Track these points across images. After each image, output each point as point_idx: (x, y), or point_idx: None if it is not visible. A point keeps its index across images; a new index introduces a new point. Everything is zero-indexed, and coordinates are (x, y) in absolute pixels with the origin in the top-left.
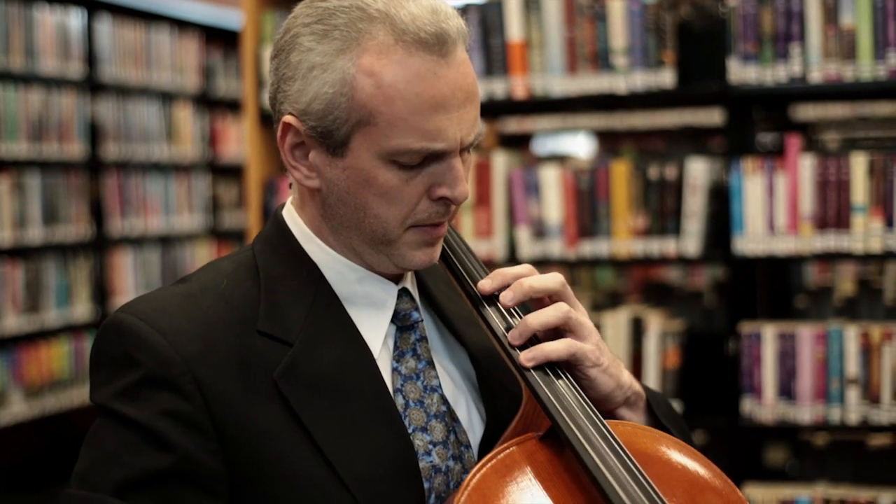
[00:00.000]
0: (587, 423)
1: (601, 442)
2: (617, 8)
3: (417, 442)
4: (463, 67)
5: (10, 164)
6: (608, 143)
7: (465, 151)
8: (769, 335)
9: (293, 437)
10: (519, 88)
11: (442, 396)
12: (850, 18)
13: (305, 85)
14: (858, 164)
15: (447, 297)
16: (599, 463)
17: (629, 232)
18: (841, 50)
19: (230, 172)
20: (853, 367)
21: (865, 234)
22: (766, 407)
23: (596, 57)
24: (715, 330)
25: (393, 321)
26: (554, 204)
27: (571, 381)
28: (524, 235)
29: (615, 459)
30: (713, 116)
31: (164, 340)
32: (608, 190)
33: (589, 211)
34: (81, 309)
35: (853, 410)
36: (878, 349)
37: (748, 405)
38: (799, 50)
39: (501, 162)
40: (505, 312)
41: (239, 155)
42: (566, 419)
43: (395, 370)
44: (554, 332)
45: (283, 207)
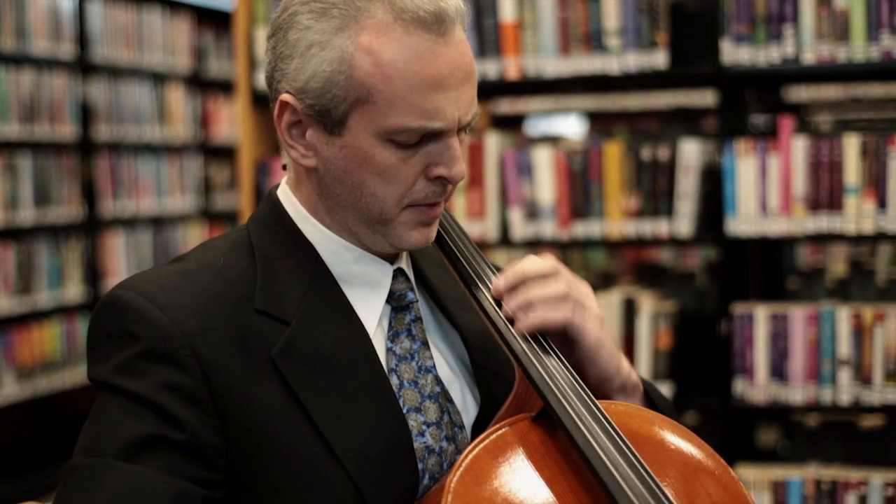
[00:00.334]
0: (579, 403)
1: (593, 422)
2: None
3: (411, 422)
4: (461, 47)
5: (1, 145)
6: (601, 124)
7: (462, 131)
8: (761, 316)
9: (291, 414)
10: (512, 69)
11: (436, 377)
12: (843, 0)
13: (303, 63)
14: (851, 145)
15: (441, 279)
16: (592, 443)
17: (622, 213)
18: (834, 31)
19: (222, 153)
20: (845, 348)
21: (858, 215)
22: (757, 388)
23: (589, 38)
24: (707, 311)
25: (388, 301)
26: (546, 185)
27: (564, 362)
28: (517, 216)
29: (607, 440)
30: (706, 97)
31: (163, 315)
32: (601, 171)
33: (581, 192)
34: (73, 290)
35: (845, 391)
36: (869, 330)
37: (740, 386)
38: (792, 31)
39: (494, 143)
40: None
41: (231, 136)
42: (558, 399)
43: (389, 350)
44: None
45: (277, 187)
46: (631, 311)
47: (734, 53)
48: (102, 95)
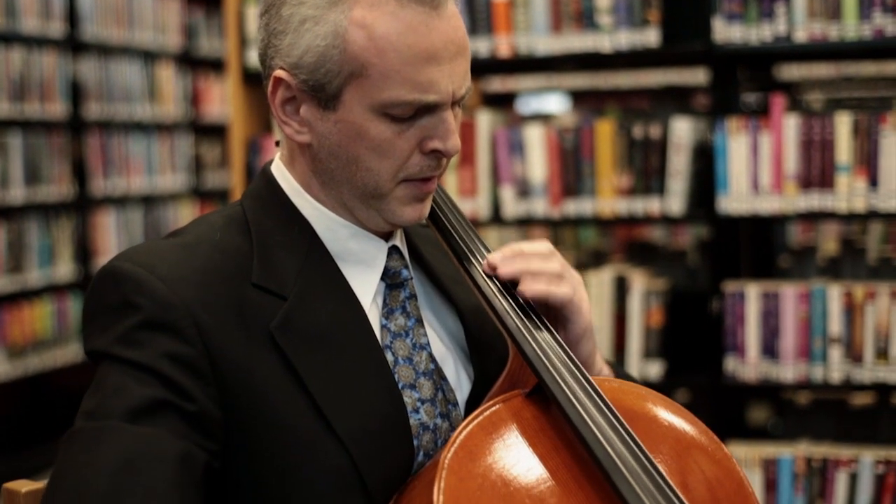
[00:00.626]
0: (573, 380)
1: (587, 399)
2: None
3: (406, 399)
4: (454, 21)
5: None
6: (592, 102)
7: (456, 105)
8: (752, 294)
9: (289, 388)
10: (503, 47)
11: (430, 354)
12: None
13: (297, 38)
14: (843, 123)
15: (434, 257)
16: (586, 419)
17: (613, 191)
18: (826, 9)
19: (213, 132)
20: (836, 326)
21: (849, 193)
22: (749, 365)
23: (580, 15)
24: (698, 289)
25: (382, 278)
26: (538, 163)
27: (558, 339)
28: (508, 194)
29: (601, 416)
30: (698, 76)
31: (163, 285)
32: (592, 149)
33: (573, 170)
34: (64, 269)
35: (836, 369)
36: (860, 308)
37: (731, 364)
38: (784, 9)
39: (485, 121)
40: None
41: (222, 114)
42: (552, 376)
43: (384, 327)
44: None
45: (271, 163)
46: (622, 289)
47: (726, 31)
48: (93, 74)
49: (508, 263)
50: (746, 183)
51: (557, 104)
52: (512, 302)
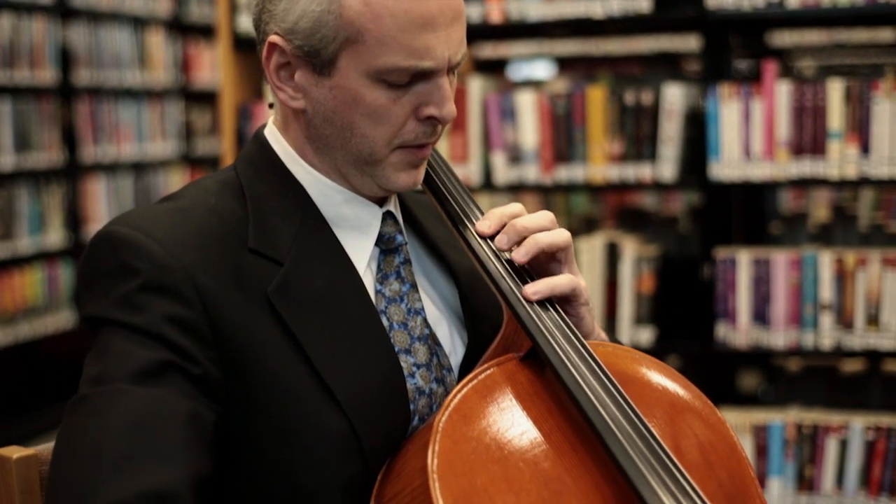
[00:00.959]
0: (567, 343)
1: (581, 362)
2: None
3: (402, 364)
4: None
5: None
6: (582, 69)
7: (451, 71)
8: (744, 261)
9: (288, 353)
10: (495, 13)
11: (425, 319)
12: None
13: (292, 3)
14: (835, 90)
15: (429, 221)
16: (580, 382)
17: (605, 157)
18: None
19: (203, 99)
20: (827, 292)
21: (841, 160)
22: (739, 332)
23: None
24: (690, 255)
25: (377, 244)
26: (529, 129)
27: (553, 302)
28: (499, 161)
29: (594, 380)
30: (690, 42)
31: (160, 248)
32: (584, 115)
33: (565, 136)
34: (54, 236)
35: (826, 336)
36: (851, 275)
37: (722, 330)
38: None
39: (477, 87)
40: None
41: (212, 81)
42: (546, 339)
43: (378, 293)
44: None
45: (264, 127)
46: (614, 255)
47: None
48: (82, 40)
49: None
50: (738, 149)
51: (547, 71)
52: (506, 265)
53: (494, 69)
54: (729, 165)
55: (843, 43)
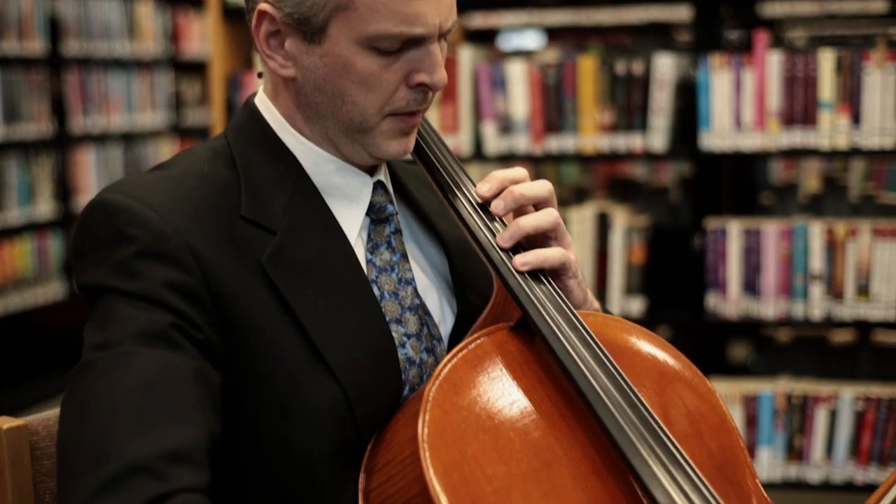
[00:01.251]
0: (557, 313)
1: (571, 332)
2: None
3: (393, 334)
4: None
5: None
6: (573, 39)
7: (442, 38)
8: (734, 231)
9: (282, 321)
10: None
11: (415, 289)
12: None
13: None
14: (826, 60)
15: (419, 191)
16: (570, 352)
17: (595, 127)
18: None
19: (193, 69)
20: (817, 263)
21: (832, 130)
22: (730, 302)
23: None
24: (680, 225)
25: (367, 214)
26: (520, 99)
27: (543, 272)
28: (490, 131)
29: (585, 349)
30: (681, 12)
31: (156, 215)
32: (575, 85)
33: (555, 106)
34: (44, 207)
35: (817, 306)
36: (842, 245)
37: (713, 300)
38: None
39: (467, 57)
40: (476, 204)
41: (202, 51)
42: (537, 309)
43: (369, 262)
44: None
45: (254, 96)
46: (604, 225)
47: None
48: (71, 10)
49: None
50: (729, 119)
51: (538, 41)
52: (497, 234)
53: (485, 39)
54: (720, 136)
55: (834, 13)
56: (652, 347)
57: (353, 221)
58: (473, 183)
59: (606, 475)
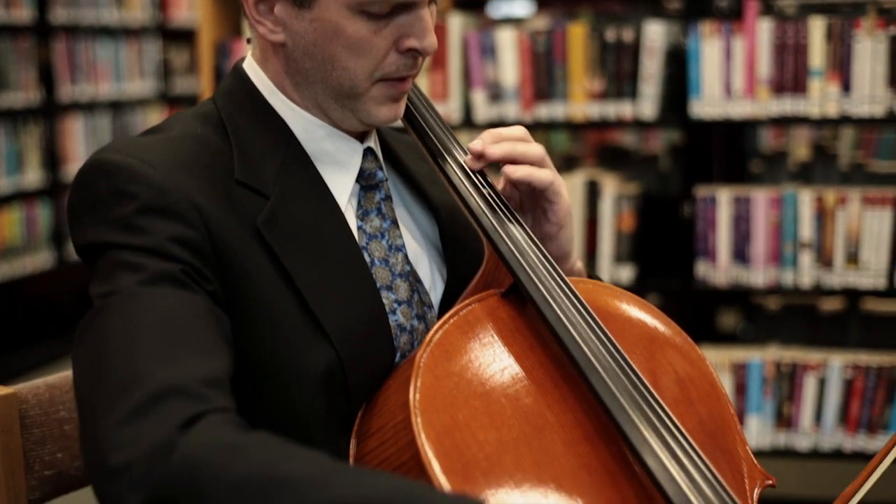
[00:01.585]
0: (549, 278)
1: (563, 297)
2: None
3: (384, 300)
4: None
5: None
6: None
7: (432, 2)
8: (724, 199)
9: (278, 284)
10: None
11: (406, 256)
12: None
13: None
14: (816, 28)
15: (409, 158)
16: (561, 318)
17: (585, 95)
18: None
19: (181, 37)
20: (807, 231)
21: (822, 98)
22: (719, 270)
23: None
24: (670, 193)
25: (357, 180)
26: (510, 66)
27: (533, 238)
28: (480, 98)
29: (576, 314)
30: None
31: (156, 172)
32: (565, 52)
33: (545, 73)
34: (32, 176)
35: (806, 274)
36: (831, 213)
37: (702, 268)
38: None
39: (457, 24)
40: (466, 170)
41: (190, 19)
42: (528, 274)
43: (359, 229)
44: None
45: (243, 61)
46: (594, 193)
47: None
48: None
49: (496, 147)
50: (719, 87)
51: (527, 8)
52: (488, 200)
53: (474, 6)
54: (709, 103)
55: None
56: (642, 314)
57: (343, 188)
58: (464, 149)
59: (598, 441)
